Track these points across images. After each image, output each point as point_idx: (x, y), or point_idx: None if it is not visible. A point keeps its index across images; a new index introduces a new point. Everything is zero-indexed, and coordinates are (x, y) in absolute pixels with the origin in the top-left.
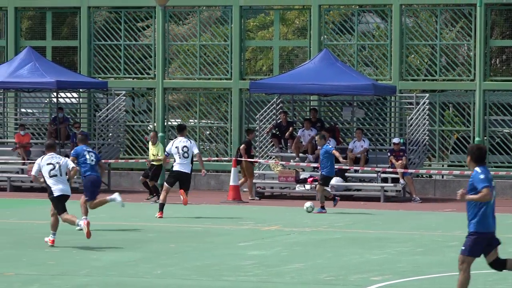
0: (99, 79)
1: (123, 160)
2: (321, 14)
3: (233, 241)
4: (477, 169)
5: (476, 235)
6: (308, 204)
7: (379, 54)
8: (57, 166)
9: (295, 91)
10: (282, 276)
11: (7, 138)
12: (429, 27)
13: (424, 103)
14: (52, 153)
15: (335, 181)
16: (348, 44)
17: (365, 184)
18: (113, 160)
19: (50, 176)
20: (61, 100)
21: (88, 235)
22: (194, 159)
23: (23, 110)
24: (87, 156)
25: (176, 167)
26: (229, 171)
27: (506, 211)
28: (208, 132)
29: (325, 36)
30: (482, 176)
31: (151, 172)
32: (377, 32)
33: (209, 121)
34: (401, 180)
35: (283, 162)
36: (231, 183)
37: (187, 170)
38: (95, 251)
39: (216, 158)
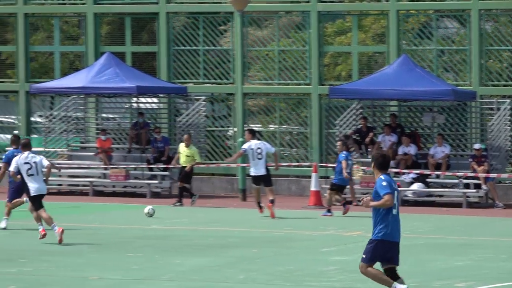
0: (179, 84)
1: (204, 165)
2: (399, 19)
3: (315, 247)
4: (381, 176)
5: (376, 243)
6: (148, 208)
7: (459, 60)
8: (33, 165)
9: (374, 97)
10: (365, 282)
11: (88, 143)
12: (508, 32)
13: (505, 108)
14: (28, 151)
15: (417, 186)
16: (427, 49)
17: (447, 190)
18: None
19: (28, 175)
20: (141, 105)
21: (60, 241)
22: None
23: (103, 115)
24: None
25: (252, 172)
26: (310, 176)
27: None
28: (288, 138)
29: (404, 42)
30: (384, 183)
31: (182, 173)
32: (458, 38)
33: (289, 127)
34: (484, 186)
35: (364, 167)
36: (312, 188)
37: (262, 171)
38: (178, 256)
39: (296, 164)
